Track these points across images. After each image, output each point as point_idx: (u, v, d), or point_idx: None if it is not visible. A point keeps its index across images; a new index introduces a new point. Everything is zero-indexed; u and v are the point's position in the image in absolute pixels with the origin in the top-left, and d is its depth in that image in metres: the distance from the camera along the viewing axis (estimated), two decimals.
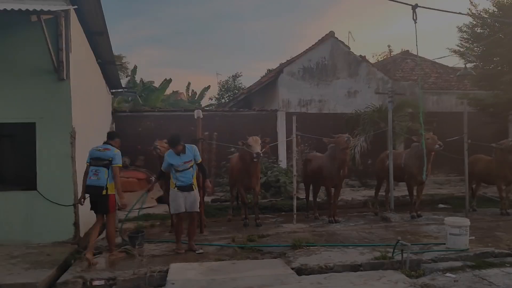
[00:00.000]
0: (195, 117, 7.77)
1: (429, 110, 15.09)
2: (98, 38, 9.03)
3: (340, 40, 14.23)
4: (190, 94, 30.59)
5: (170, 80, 26.03)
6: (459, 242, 6.42)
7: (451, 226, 6.47)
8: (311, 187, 9.61)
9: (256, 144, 7.64)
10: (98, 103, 9.81)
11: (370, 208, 9.84)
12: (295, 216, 8.26)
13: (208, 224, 8.85)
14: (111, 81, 11.78)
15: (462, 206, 9.88)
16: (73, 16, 7.42)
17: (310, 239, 7.08)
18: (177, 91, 35.32)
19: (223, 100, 29.49)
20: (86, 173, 6.19)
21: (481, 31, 12.24)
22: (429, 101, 15.28)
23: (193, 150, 6.58)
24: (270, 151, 12.48)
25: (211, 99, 31.23)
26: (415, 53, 19.91)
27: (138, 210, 7.65)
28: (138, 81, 26.97)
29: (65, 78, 7.02)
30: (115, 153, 6.19)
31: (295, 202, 8.30)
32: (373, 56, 23.72)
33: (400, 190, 11.29)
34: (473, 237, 7.17)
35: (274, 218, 9.55)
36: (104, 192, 6.03)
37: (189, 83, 31.17)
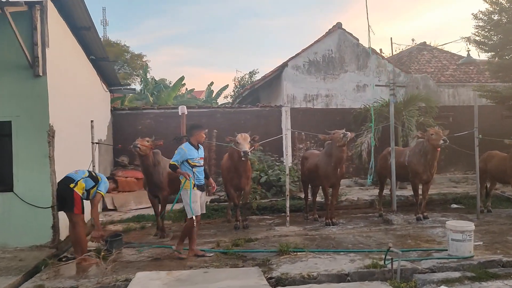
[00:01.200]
0: (179, 113, 7.33)
1: (445, 104, 14.29)
2: (85, 33, 8.70)
3: (348, 32, 13.55)
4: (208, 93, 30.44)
5: (183, 78, 25.91)
6: (462, 248, 5.78)
7: (453, 231, 5.84)
8: (310, 187, 9.07)
9: (244, 141, 7.16)
10: (88, 100, 9.50)
11: (376, 209, 9.23)
12: (288, 218, 7.75)
13: (200, 226, 8.45)
14: (109, 79, 11.49)
15: (476, 206, 9.19)
16: (52, 9, 7.09)
17: (299, 244, 6.57)
18: (192, 89, 35.31)
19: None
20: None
21: (499, 17, 11.34)
22: (445, 94, 14.43)
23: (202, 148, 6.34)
24: (268, 148, 12.02)
25: (226, 97, 30.92)
26: (432, 45, 19.19)
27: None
28: (150, 79, 26.94)
29: (41, 74, 6.68)
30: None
31: (287, 203, 7.79)
32: (396, 50, 22.89)
33: (409, 189, 10.60)
34: (481, 243, 6.52)
35: (271, 220, 9.06)
36: (72, 185, 5.87)
37: (212, 82, 31.04)
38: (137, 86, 26.04)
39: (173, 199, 6.78)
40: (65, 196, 5.91)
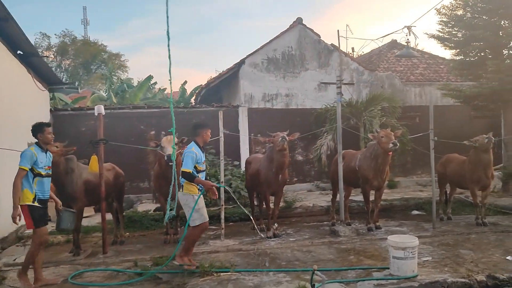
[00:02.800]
0: (95, 113, 6.48)
1: (412, 104, 13.70)
2: (3, 24, 7.78)
3: (308, 28, 12.83)
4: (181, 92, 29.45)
5: (151, 77, 24.91)
6: (405, 267, 5.07)
7: (394, 248, 5.13)
8: (256, 194, 8.31)
9: (169, 144, 6.35)
10: (13, 100, 8.57)
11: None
12: (222, 231, 6.96)
13: (130, 240, 7.62)
14: (46, 76, 10.54)
15: (438, 212, 8.55)
16: None
17: (228, 262, 5.78)
18: (165, 88, 34.31)
19: None
20: None
21: (463, 12, 10.76)
22: (412, 94, 13.83)
23: None
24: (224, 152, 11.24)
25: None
26: (403, 43, 18.64)
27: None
28: (116, 79, 25.91)
29: None
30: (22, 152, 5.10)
31: (223, 215, 6.99)
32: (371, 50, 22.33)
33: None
34: (430, 258, 5.84)
35: (214, 231, 8.26)
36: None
37: (185, 81, 30.03)
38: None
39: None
40: None
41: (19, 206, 4.91)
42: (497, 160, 13.60)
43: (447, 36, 11.07)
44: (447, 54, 17.23)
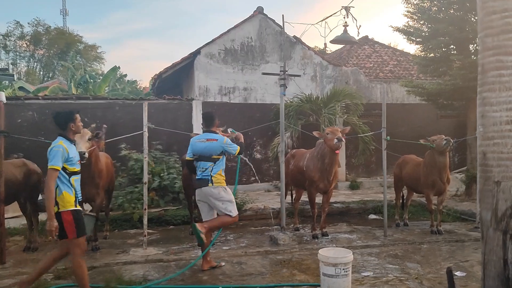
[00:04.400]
0: None
1: (378, 101, 13.10)
2: None
3: (270, 18, 12.10)
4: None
5: (116, 67, 23.85)
6: (336, 286, 4.38)
7: (324, 263, 4.43)
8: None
9: (81, 140, 5.50)
10: None
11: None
12: (145, 238, 6.15)
13: (45, 246, 6.73)
14: None
15: (394, 218, 7.96)
16: None
17: (139, 276, 5.00)
18: (135, 80, 33.22)
19: None
20: None
21: (429, 5, 10.15)
22: (377, 90, 13.23)
23: None
24: (176, 147, 10.45)
25: None
26: (376, 40, 18.08)
27: None
28: (80, 70, 24.73)
29: None
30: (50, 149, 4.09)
31: (145, 220, 6.18)
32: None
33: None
34: (371, 273, 5.17)
35: (148, 235, 7.47)
36: (55, 208, 4.00)
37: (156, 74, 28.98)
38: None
39: None
40: None
41: (60, 214, 3.99)
42: (462, 162, 13.21)
43: (411, 30, 10.45)
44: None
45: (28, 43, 39.68)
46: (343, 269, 4.37)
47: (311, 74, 12.41)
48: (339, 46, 18.37)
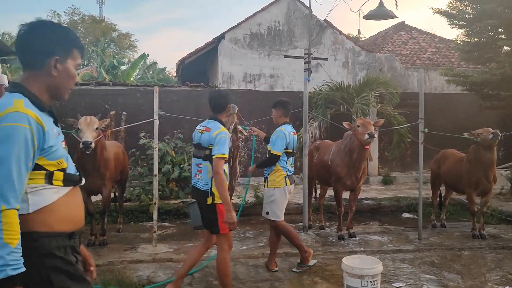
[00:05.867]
0: None
1: (414, 90, 12.20)
2: None
3: (299, 0, 11.39)
4: None
5: (144, 55, 23.74)
6: None
7: (348, 274, 3.84)
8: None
9: (87, 128, 5.11)
10: None
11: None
12: (155, 235, 5.71)
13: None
14: None
15: (430, 218, 7.22)
16: None
17: (143, 278, 4.57)
18: (164, 67, 33.17)
19: None
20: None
21: None
22: (414, 79, 12.32)
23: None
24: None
25: None
26: (413, 25, 17.02)
27: None
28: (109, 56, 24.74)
29: None
30: (216, 135, 3.67)
31: (155, 214, 5.74)
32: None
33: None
34: (403, 284, 4.53)
35: (164, 229, 7.12)
36: (209, 200, 3.71)
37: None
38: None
39: None
40: (204, 213, 3.83)
41: (216, 205, 3.70)
42: (507, 157, 12.16)
43: (454, 12, 9.51)
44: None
45: None
46: (371, 281, 3.76)
47: (343, 61, 11.65)
48: (373, 33, 17.39)
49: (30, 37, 1.75)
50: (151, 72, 28.28)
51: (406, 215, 8.39)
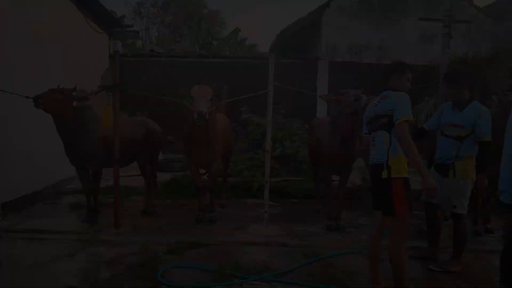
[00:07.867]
0: (111, 51, 5.07)
1: None
2: None
3: None
4: None
5: (238, 29, 23.74)
6: None
7: None
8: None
9: (201, 98, 4.78)
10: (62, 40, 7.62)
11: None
12: (266, 215, 5.30)
13: (164, 210, 6.31)
14: (104, 18, 9.51)
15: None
16: None
17: (259, 263, 4.18)
18: (255, 44, 32.91)
19: None
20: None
21: None
22: None
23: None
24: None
25: None
26: None
27: None
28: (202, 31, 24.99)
29: None
30: (397, 100, 3.22)
31: (267, 193, 5.31)
32: None
33: None
34: None
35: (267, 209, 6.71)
36: (384, 174, 3.22)
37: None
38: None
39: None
40: (378, 190, 3.37)
41: (391, 181, 3.18)
42: None
43: None
44: None
45: (159, 10, 41.92)
46: None
47: (463, 31, 10.27)
48: None
49: None
50: (242, 48, 28.21)
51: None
